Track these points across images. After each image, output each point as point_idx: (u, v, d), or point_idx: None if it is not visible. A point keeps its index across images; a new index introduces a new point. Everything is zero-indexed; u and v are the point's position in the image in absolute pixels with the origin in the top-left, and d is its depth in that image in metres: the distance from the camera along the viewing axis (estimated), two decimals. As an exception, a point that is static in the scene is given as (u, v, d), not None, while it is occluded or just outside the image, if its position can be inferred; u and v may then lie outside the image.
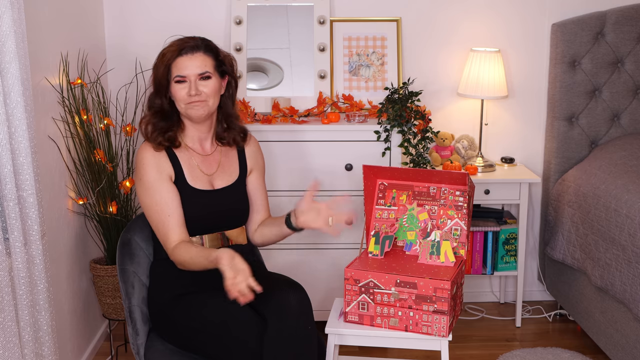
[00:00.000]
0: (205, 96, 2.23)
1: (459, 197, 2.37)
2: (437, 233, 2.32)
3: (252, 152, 2.42)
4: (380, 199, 2.46)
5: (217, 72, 2.27)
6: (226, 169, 2.35)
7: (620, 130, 3.41)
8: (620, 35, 3.33)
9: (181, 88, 2.22)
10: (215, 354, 2.14)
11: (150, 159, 2.23)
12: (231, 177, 2.35)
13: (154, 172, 2.22)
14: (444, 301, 2.16)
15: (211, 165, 2.32)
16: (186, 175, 2.26)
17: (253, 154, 2.42)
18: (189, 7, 3.33)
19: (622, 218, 2.71)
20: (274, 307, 2.09)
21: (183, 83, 2.22)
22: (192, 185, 2.26)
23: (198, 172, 2.29)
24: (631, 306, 2.62)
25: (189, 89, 2.21)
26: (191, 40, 2.25)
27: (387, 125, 2.99)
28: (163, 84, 2.24)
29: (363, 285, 2.24)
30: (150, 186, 2.22)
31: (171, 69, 2.22)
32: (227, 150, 2.37)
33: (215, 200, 2.29)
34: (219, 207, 2.29)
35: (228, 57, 2.32)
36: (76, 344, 2.85)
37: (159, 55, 2.26)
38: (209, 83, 2.23)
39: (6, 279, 1.96)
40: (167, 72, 2.23)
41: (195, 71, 2.22)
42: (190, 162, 2.29)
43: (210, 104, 2.26)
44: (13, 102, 2.01)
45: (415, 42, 3.40)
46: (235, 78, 2.35)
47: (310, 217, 2.27)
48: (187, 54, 2.22)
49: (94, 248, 3.07)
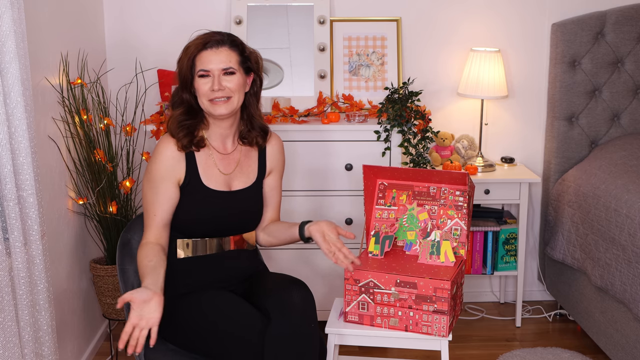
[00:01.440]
0: (229, 92, 2.18)
1: (459, 197, 2.37)
2: (437, 233, 2.32)
3: (273, 152, 2.36)
4: (380, 199, 2.46)
5: (242, 68, 2.21)
6: (244, 170, 2.30)
7: (620, 130, 3.41)
8: (620, 35, 3.33)
9: (204, 83, 2.17)
10: (216, 352, 2.14)
11: (165, 155, 2.20)
12: (249, 179, 2.30)
13: (163, 169, 2.19)
14: (444, 301, 2.16)
15: (230, 164, 2.28)
16: (201, 175, 2.22)
17: (274, 155, 2.36)
18: (189, 7, 3.33)
19: (622, 218, 2.71)
20: (277, 304, 2.08)
21: (206, 77, 2.17)
22: (207, 185, 2.22)
23: (215, 171, 2.25)
24: (631, 306, 2.62)
25: (212, 83, 2.16)
26: (217, 34, 2.20)
27: (387, 125, 2.99)
28: (187, 78, 2.20)
29: (363, 285, 2.24)
30: (152, 179, 2.20)
31: (195, 63, 2.18)
32: (247, 150, 2.32)
33: (230, 202, 2.25)
34: (233, 210, 2.26)
35: (254, 54, 2.27)
36: (76, 344, 2.85)
37: (184, 48, 2.21)
38: (233, 78, 2.18)
39: (6, 279, 1.96)
40: (191, 65, 2.18)
41: (220, 66, 2.17)
42: (208, 160, 2.24)
43: (234, 101, 2.20)
44: (13, 102, 2.01)
45: (415, 42, 3.40)
46: (260, 76, 2.29)
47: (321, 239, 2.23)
48: (211, 48, 2.17)
49: (94, 248, 3.07)
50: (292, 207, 3.05)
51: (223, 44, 2.19)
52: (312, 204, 3.06)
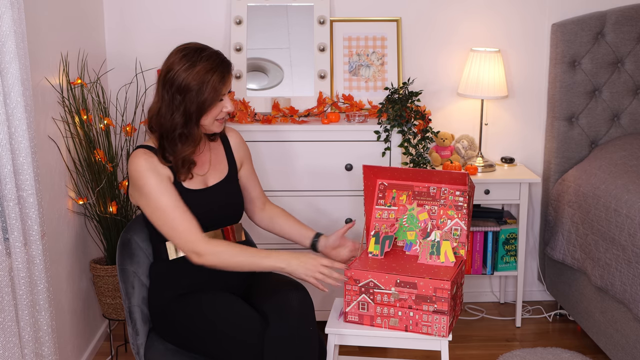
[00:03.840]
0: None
1: (459, 197, 2.37)
2: (437, 233, 2.32)
3: (236, 144, 2.42)
4: (380, 199, 2.46)
5: None
6: (216, 166, 2.34)
7: (620, 130, 3.41)
8: (620, 35, 3.33)
9: (219, 105, 2.20)
10: (215, 353, 2.14)
11: (146, 165, 2.17)
12: (222, 174, 2.34)
13: (154, 176, 2.17)
14: (443, 301, 2.16)
15: (203, 165, 2.31)
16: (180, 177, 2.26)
17: (238, 147, 2.42)
18: (189, 7, 3.33)
19: (622, 218, 2.71)
20: (276, 307, 2.09)
21: (224, 99, 2.21)
22: (186, 186, 2.24)
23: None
24: (631, 306, 2.62)
25: (229, 105, 2.22)
26: (221, 56, 2.21)
27: (387, 125, 2.99)
28: (205, 108, 2.17)
29: (363, 285, 2.24)
30: (154, 191, 2.15)
31: (221, 90, 2.18)
32: (215, 146, 2.36)
33: (210, 198, 2.28)
34: (214, 205, 2.28)
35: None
36: (76, 344, 2.85)
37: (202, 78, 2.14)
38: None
39: (6, 279, 1.96)
40: (217, 94, 2.17)
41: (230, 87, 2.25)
42: None
43: None
44: (13, 102, 2.01)
45: (415, 42, 3.40)
46: None
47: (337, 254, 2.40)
48: (229, 73, 2.21)
49: (94, 248, 3.07)
50: (293, 207, 3.05)
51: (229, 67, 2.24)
52: (312, 204, 3.06)
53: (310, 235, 2.42)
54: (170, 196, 2.16)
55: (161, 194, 2.16)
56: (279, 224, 2.47)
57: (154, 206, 2.17)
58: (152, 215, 2.19)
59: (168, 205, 2.16)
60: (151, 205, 2.17)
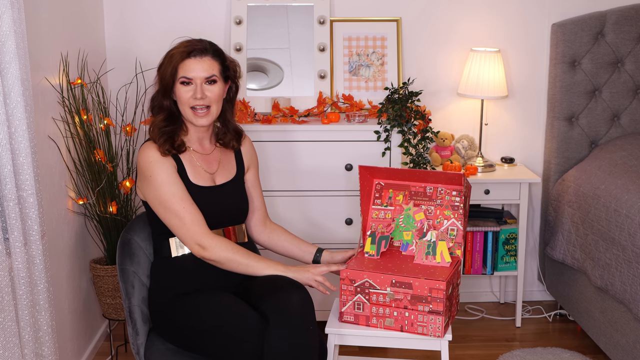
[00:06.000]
0: (209, 100, 2.24)
1: (455, 198, 2.37)
2: (434, 233, 2.32)
3: (247, 150, 2.45)
4: (376, 199, 2.46)
5: (222, 77, 2.29)
6: (225, 167, 2.38)
7: (620, 130, 3.41)
8: (620, 35, 3.32)
9: (186, 90, 2.23)
10: (215, 353, 2.14)
11: (156, 156, 2.23)
12: (230, 174, 2.38)
13: (164, 167, 2.22)
14: (439, 302, 2.16)
15: (212, 163, 2.34)
16: (188, 173, 2.28)
17: (248, 152, 2.46)
18: (189, 6, 3.33)
19: (622, 218, 2.71)
20: (276, 307, 2.09)
21: (188, 85, 2.23)
22: (194, 182, 2.27)
23: (200, 170, 2.31)
24: (631, 306, 2.62)
25: (194, 92, 2.22)
26: (200, 43, 2.25)
27: (387, 125, 2.99)
28: (169, 85, 2.25)
29: (359, 285, 2.24)
30: (164, 181, 2.20)
31: (178, 70, 2.23)
32: (225, 150, 2.40)
33: (218, 196, 2.30)
34: (222, 204, 2.30)
35: (233, 63, 2.34)
36: (76, 344, 2.86)
37: (166, 55, 2.27)
38: (214, 88, 2.25)
39: (6, 279, 1.96)
40: (174, 73, 2.23)
41: (202, 74, 2.23)
42: (192, 161, 2.30)
43: (213, 112, 2.28)
44: (13, 102, 2.02)
45: (415, 42, 3.40)
46: (237, 84, 2.36)
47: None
48: (195, 57, 2.23)
49: (94, 248, 3.08)
50: (292, 207, 3.06)
51: (207, 52, 2.25)
52: (312, 204, 3.07)
53: (312, 250, 2.44)
54: (179, 187, 2.21)
55: (170, 185, 2.20)
56: (279, 239, 2.47)
57: (162, 196, 2.20)
58: (159, 207, 2.22)
59: (177, 195, 2.20)
60: (159, 196, 2.21)
